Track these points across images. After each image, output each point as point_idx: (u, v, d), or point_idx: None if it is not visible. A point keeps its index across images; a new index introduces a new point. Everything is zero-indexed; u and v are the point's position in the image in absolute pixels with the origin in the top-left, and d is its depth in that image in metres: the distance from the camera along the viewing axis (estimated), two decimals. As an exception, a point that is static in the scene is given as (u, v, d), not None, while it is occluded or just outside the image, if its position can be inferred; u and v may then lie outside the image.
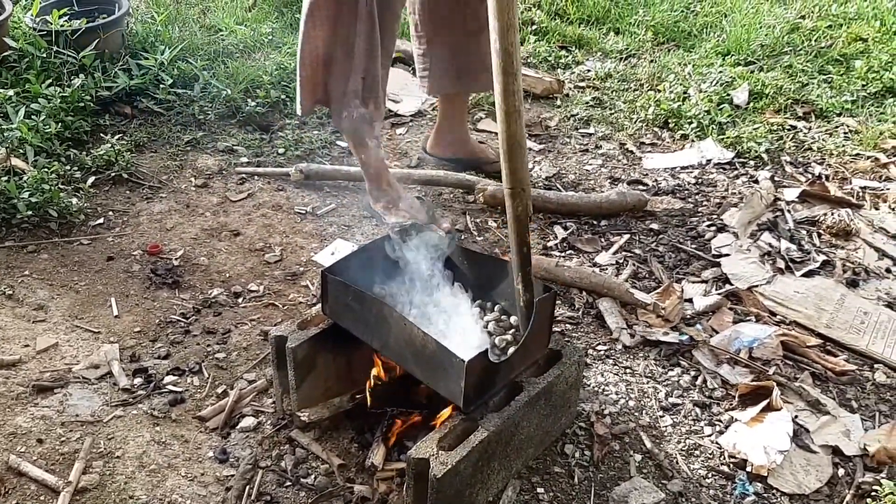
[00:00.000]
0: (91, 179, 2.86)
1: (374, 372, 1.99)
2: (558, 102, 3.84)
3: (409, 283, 1.99)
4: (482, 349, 1.72)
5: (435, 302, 1.95)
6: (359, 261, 1.99)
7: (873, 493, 1.96)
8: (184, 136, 3.28)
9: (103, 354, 2.17)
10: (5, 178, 2.67)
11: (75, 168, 2.92)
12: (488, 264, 2.05)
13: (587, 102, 3.82)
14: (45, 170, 2.75)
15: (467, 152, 3.18)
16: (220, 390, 2.12)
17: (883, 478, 1.99)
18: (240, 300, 2.46)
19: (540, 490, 1.91)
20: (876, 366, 2.36)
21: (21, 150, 2.87)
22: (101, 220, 2.76)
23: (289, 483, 1.87)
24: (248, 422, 2.02)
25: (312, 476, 1.90)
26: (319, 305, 1.99)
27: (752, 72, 4.04)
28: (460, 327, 1.89)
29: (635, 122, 3.68)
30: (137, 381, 2.11)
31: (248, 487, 1.85)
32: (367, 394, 1.97)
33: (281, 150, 3.24)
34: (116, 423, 1.97)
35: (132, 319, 2.34)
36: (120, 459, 1.87)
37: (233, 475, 1.87)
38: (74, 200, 2.77)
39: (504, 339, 1.88)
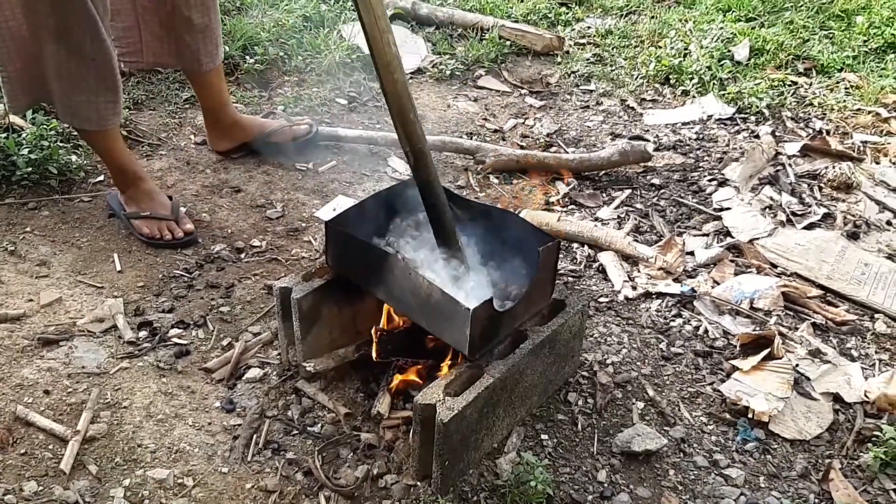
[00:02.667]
0: (89, 137, 2.84)
1: (379, 323, 1.99)
2: (559, 59, 3.81)
3: (413, 234, 1.99)
4: (487, 298, 1.72)
5: (438, 252, 1.95)
6: (362, 212, 1.99)
7: (874, 438, 1.99)
8: (182, 93, 3.25)
9: (107, 308, 2.17)
10: (4, 135, 2.65)
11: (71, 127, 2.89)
12: (491, 215, 2.05)
13: (588, 59, 3.80)
14: (44, 126, 2.73)
15: (246, 134, 2.88)
16: (224, 343, 2.13)
17: (883, 423, 2.01)
18: (242, 255, 2.46)
19: (544, 437, 1.93)
20: (876, 316, 2.38)
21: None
22: (101, 178, 2.74)
23: (295, 431, 1.89)
24: (254, 373, 2.03)
25: (319, 425, 1.91)
26: (323, 257, 2.00)
27: (753, 28, 4.02)
28: (465, 277, 1.89)
29: (636, 79, 3.66)
30: (142, 334, 2.12)
31: (255, 436, 1.86)
32: (374, 344, 1.98)
33: (280, 108, 3.21)
34: (123, 375, 1.98)
35: (135, 275, 2.34)
36: (127, 410, 1.88)
37: (240, 424, 1.89)
38: (74, 158, 2.75)
39: (508, 290, 1.89)
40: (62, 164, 2.68)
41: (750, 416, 2.02)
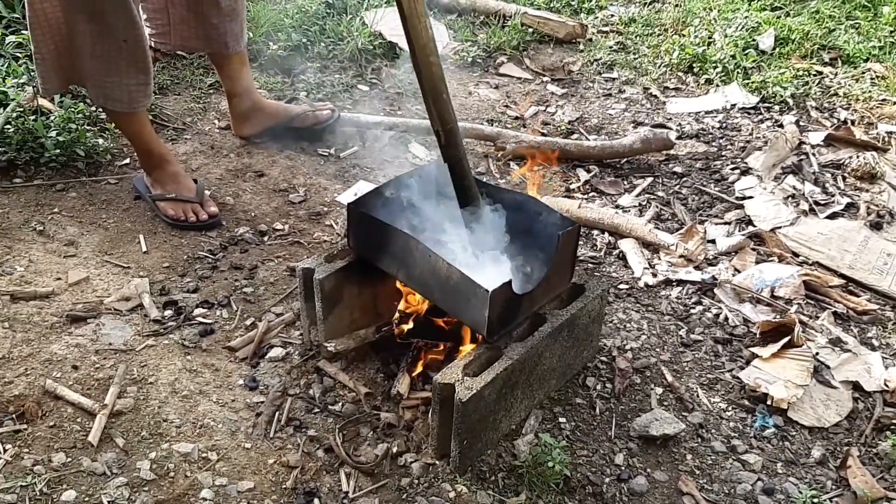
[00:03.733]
0: (116, 120, 2.88)
1: (400, 304, 2.02)
2: (581, 47, 3.81)
3: (434, 217, 2.01)
4: (506, 280, 1.74)
5: (459, 236, 1.96)
6: (384, 195, 2.01)
7: (892, 427, 1.99)
8: (206, 79, 3.29)
9: (134, 287, 2.21)
10: (33, 118, 2.70)
11: (100, 110, 2.93)
12: (514, 199, 2.06)
13: (610, 47, 3.79)
14: (72, 110, 2.77)
15: (270, 119, 2.90)
16: (248, 322, 2.16)
17: (903, 412, 2.01)
18: (265, 238, 2.49)
19: (562, 420, 1.95)
20: (898, 305, 2.37)
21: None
22: (126, 161, 2.79)
23: (317, 410, 1.92)
24: (277, 352, 2.06)
25: (340, 403, 1.94)
26: (345, 240, 2.02)
27: (779, 17, 3.99)
28: (484, 260, 1.91)
29: (659, 67, 3.65)
30: (168, 313, 2.16)
31: (277, 413, 1.89)
32: (394, 325, 2.00)
33: (303, 94, 3.24)
34: (148, 352, 2.02)
35: (160, 255, 2.38)
36: (153, 385, 1.92)
37: (262, 402, 1.92)
38: (100, 141, 2.79)
39: (528, 273, 1.91)
40: (89, 147, 2.73)
41: (769, 402, 2.03)
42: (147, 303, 2.16)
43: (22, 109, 2.72)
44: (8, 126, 2.64)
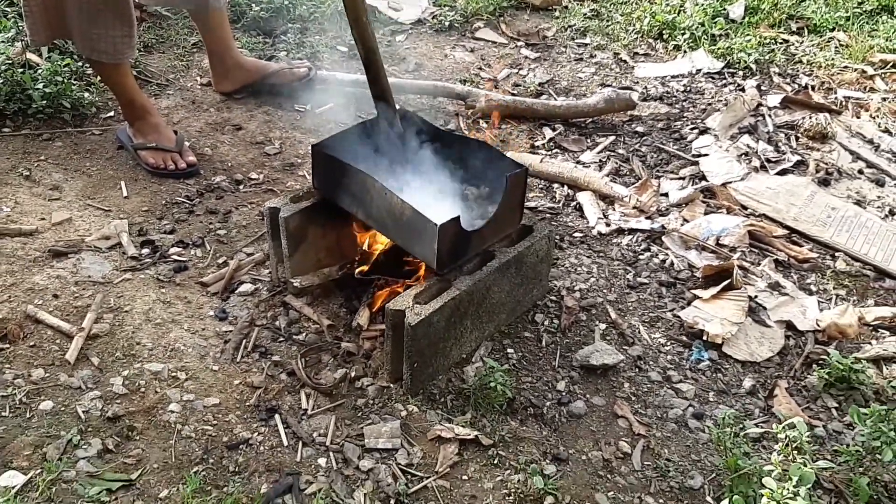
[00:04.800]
0: (100, 74, 3.00)
1: (361, 243, 2.15)
2: (557, 14, 3.92)
3: (393, 158, 2.14)
4: (454, 216, 1.87)
5: (416, 175, 2.10)
6: (347, 138, 2.13)
7: (820, 362, 2.13)
8: (190, 38, 3.41)
9: (113, 228, 2.35)
10: (21, 70, 2.82)
11: (86, 64, 3.05)
12: (469, 145, 2.19)
13: (585, 14, 3.90)
14: (58, 63, 2.89)
15: (249, 76, 3.03)
16: (220, 261, 2.29)
17: (831, 349, 2.16)
18: (241, 187, 2.62)
19: (510, 350, 2.09)
20: (837, 255, 2.51)
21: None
22: (111, 114, 2.91)
23: (282, 339, 2.06)
24: (246, 287, 2.20)
25: (303, 334, 2.08)
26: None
27: (750, -13, 4.09)
28: (438, 199, 2.04)
29: (630, 34, 3.76)
30: (145, 251, 2.29)
31: (244, 341, 2.04)
32: (355, 263, 2.14)
33: (284, 53, 3.36)
34: (125, 285, 2.15)
35: (140, 200, 2.51)
36: (128, 314, 2.06)
37: (231, 331, 2.06)
38: (86, 94, 2.91)
39: (478, 210, 2.04)
40: (75, 100, 2.85)
41: (705, 338, 2.17)
42: (125, 241, 2.30)
43: (11, 62, 2.83)
44: (-4, 78, 2.77)
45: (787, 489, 1.64)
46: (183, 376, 1.91)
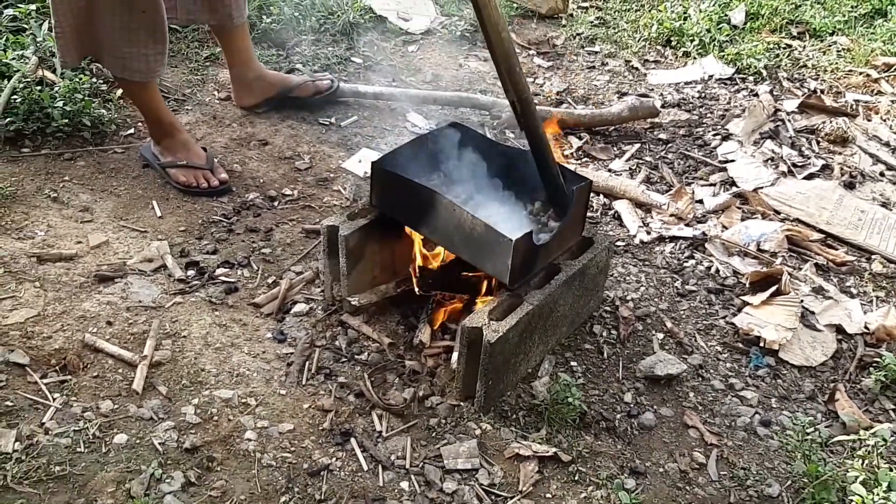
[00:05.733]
0: (119, 91, 2.92)
1: (418, 260, 2.13)
2: (563, 22, 3.94)
3: (453, 174, 2.12)
4: (527, 231, 1.86)
5: (478, 190, 2.08)
6: (404, 154, 2.11)
7: (874, 365, 2.17)
8: (202, 52, 3.34)
9: (155, 249, 2.28)
10: (38, 88, 2.73)
11: (101, 81, 2.97)
12: (523, 158, 2.17)
13: (591, 22, 3.92)
14: (77, 80, 2.81)
15: (271, 89, 2.97)
16: (269, 281, 2.25)
17: (883, 351, 2.19)
18: (276, 203, 2.58)
19: (573, 363, 2.08)
20: (872, 257, 2.56)
21: (50, 63, 2.92)
22: (131, 131, 2.83)
23: (344, 359, 2.02)
24: (301, 307, 2.15)
25: (365, 353, 2.05)
26: (362, 200, 2.12)
27: (749, -8, 4.16)
28: (502, 213, 2.03)
29: (638, 41, 3.79)
30: (190, 273, 2.23)
31: (307, 363, 1.99)
32: (414, 280, 2.11)
33: (299, 66, 3.31)
34: (178, 309, 2.10)
35: (176, 220, 2.45)
36: (187, 339, 2.00)
37: (292, 353, 2.02)
38: (104, 111, 2.83)
39: (543, 226, 2.03)
40: (94, 117, 2.77)
41: (761, 345, 2.19)
42: (170, 263, 2.24)
43: (28, 80, 2.74)
44: (14, 97, 2.67)
45: (878, 495, 1.66)
46: (253, 402, 1.86)
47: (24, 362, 1.86)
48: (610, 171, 2.86)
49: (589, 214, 2.66)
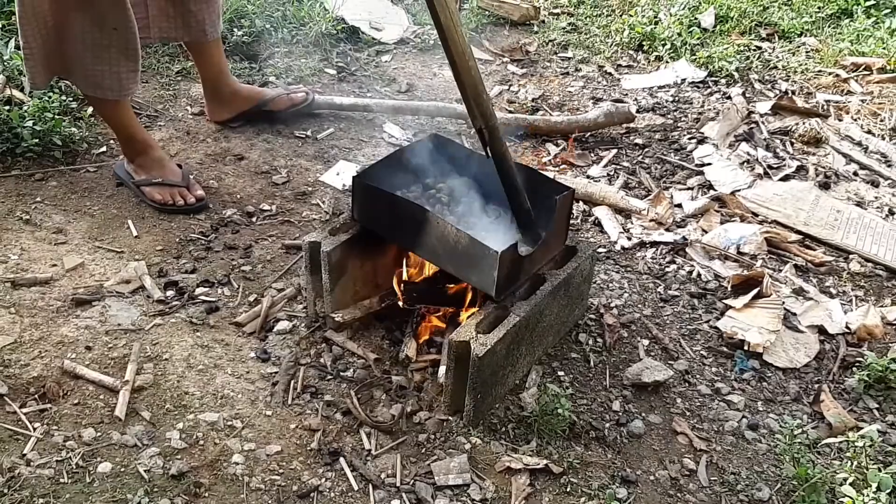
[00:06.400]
0: (90, 109, 2.87)
1: (402, 273, 2.11)
2: (535, 28, 3.94)
3: (434, 186, 2.10)
4: (511, 243, 1.85)
5: (459, 202, 2.07)
6: (385, 167, 2.09)
7: (857, 364, 2.19)
8: (173, 66, 3.29)
9: (132, 270, 2.24)
10: (6, 108, 2.67)
11: (70, 98, 2.92)
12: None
13: (563, 28, 3.94)
14: (46, 99, 2.75)
15: (245, 104, 2.94)
16: (251, 299, 2.21)
17: (865, 351, 2.21)
18: (254, 219, 2.54)
19: (561, 373, 2.08)
20: (850, 256, 2.58)
21: (17, 81, 2.86)
22: (103, 149, 2.78)
23: (330, 377, 2.00)
24: (283, 325, 2.13)
25: (351, 370, 2.02)
26: (342, 215, 2.10)
27: (718, -5, 4.20)
28: (485, 224, 2.02)
29: (611, 46, 3.81)
30: (170, 293, 2.20)
31: (292, 382, 1.97)
32: (398, 293, 2.09)
33: (273, 79, 3.28)
34: (158, 331, 2.06)
35: (152, 239, 2.41)
36: (168, 361, 1.97)
37: (276, 372, 1.99)
38: (75, 130, 2.78)
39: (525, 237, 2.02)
40: (65, 136, 2.71)
41: (745, 348, 2.20)
42: (149, 284, 2.20)
43: (-4, 100, 2.69)
44: (-20, 117, 2.62)
45: (868, 496, 1.67)
46: (239, 424, 1.83)
47: (2, 391, 1.81)
48: (588, 177, 2.86)
49: (570, 222, 2.65)
